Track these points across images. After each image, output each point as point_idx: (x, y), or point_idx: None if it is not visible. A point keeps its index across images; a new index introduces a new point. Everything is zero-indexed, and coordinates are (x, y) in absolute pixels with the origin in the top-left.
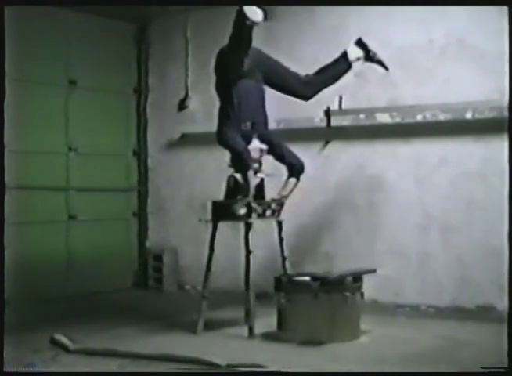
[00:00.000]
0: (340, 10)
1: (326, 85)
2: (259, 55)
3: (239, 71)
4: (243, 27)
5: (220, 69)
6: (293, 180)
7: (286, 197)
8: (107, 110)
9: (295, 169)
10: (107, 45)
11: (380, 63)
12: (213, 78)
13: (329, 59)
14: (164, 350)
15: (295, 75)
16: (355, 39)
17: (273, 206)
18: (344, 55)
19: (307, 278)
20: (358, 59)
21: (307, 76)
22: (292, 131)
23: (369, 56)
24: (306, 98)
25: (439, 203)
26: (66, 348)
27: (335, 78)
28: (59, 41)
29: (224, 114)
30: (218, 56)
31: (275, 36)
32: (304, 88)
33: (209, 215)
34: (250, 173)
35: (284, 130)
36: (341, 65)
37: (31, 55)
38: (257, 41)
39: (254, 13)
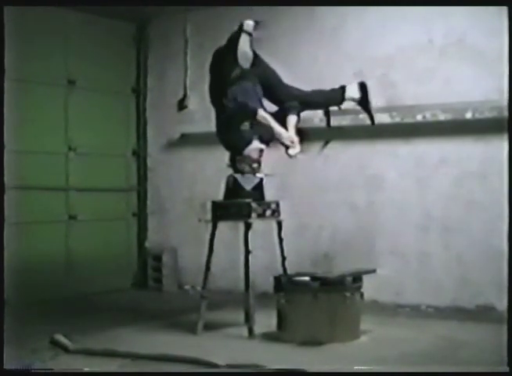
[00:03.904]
0: (340, 10)
1: (314, 108)
2: (254, 59)
3: (231, 75)
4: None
5: (215, 69)
6: (293, 117)
7: (292, 141)
8: (106, 110)
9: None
10: (106, 44)
11: (370, 114)
12: None
13: (328, 60)
14: (163, 350)
15: (286, 87)
16: (359, 80)
17: (272, 206)
18: (342, 89)
19: (306, 278)
20: (352, 99)
21: (299, 90)
22: None
23: (363, 102)
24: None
25: (439, 203)
26: (65, 349)
27: (324, 105)
28: (58, 40)
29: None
30: (214, 57)
31: (275, 36)
32: (292, 102)
33: (209, 215)
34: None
35: None
36: (336, 96)
37: (30, 55)
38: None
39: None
